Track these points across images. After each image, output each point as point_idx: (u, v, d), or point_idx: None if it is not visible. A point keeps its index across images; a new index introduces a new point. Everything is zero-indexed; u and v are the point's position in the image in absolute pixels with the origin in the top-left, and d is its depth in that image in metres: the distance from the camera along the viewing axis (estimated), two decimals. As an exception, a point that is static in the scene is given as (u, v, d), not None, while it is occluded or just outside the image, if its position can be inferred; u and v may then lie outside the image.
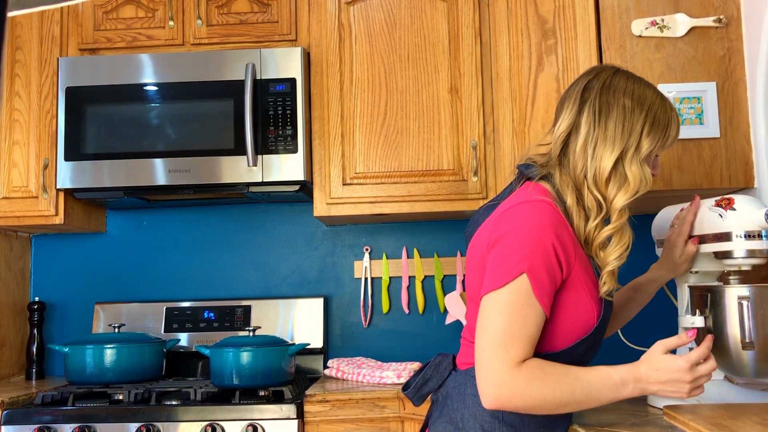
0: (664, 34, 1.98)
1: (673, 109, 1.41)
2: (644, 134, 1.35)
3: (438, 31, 2.41)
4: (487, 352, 1.23)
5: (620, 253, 1.33)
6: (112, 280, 2.74)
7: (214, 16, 2.50)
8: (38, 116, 2.45)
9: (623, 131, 1.34)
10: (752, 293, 1.43)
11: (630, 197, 1.34)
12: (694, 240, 1.59)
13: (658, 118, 1.36)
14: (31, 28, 2.48)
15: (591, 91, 1.38)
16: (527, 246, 1.25)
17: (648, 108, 1.36)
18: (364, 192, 2.37)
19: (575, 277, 1.29)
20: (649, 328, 2.52)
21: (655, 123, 1.36)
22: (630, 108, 1.35)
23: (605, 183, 1.34)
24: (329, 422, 2.05)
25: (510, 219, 1.29)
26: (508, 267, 1.24)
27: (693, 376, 1.24)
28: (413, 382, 1.48)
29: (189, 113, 2.36)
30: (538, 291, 1.24)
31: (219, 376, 2.17)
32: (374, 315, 2.68)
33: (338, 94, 2.40)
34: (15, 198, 2.42)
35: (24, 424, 2.03)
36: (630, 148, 1.34)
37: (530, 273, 1.23)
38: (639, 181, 1.34)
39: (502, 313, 1.24)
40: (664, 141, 1.38)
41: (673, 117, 1.39)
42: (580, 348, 1.32)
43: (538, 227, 1.26)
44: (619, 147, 1.34)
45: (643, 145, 1.35)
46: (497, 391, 1.22)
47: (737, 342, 1.43)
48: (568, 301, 1.30)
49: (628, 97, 1.36)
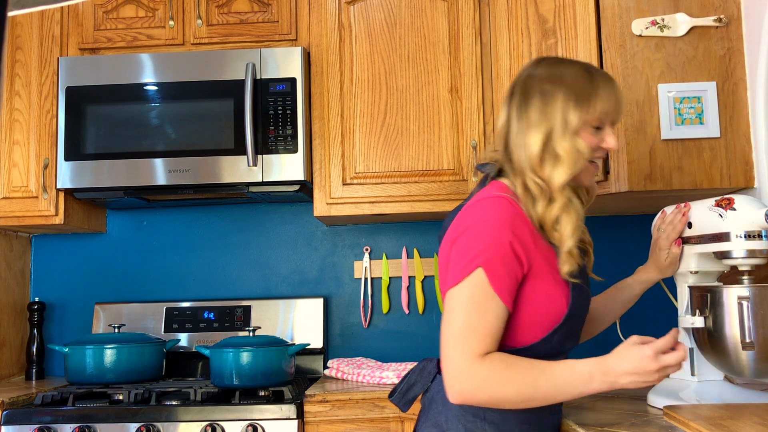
0: (664, 34, 1.98)
1: (601, 78, 1.40)
2: (569, 110, 1.36)
3: (438, 30, 2.41)
4: (449, 346, 1.25)
5: (571, 230, 1.33)
6: (112, 280, 2.74)
7: (214, 15, 2.50)
8: (38, 116, 2.45)
9: (545, 113, 1.37)
10: (752, 293, 1.43)
11: (568, 173, 1.34)
12: (678, 242, 1.61)
13: (580, 91, 1.37)
14: (31, 27, 2.48)
15: (516, 86, 1.44)
16: (483, 241, 1.27)
17: (568, 84, 1.37)
18: (364, 192, 2.37)
19: (538, 268, 1.31)
20: (649, 328, 2.52)
21: (579, 96, 1.36)
22: (549, 90, 1.38)
23: (540, 165, 1.36)
24: (329, 422, 2.05)
25: (468, 216, 1.33)
26: (466, 262, 1.27)
27: (659, 365, 1.22)
28: (399, 387, 1.50)
29: (189, 113, 2.36)
30: (495, 284, 1.25)
31: (219, 377, 2.17)
32: (374, 315, 2.68)
33: (338, 94, 2.40)
34: (15, 198, 2.42)
35: (24, 424, 2.03)
36: (556, 126, 1.36)
37: (486, 267, 1.25)
38: (571, 155, 1.35)
39: (461, 307, 1.26)
40: (593, 111, 1.36)
41: (600, 86, 1.38)
42: (554, 339, 1.33)
43: (494, 222, 1.29)
44: (544, 129, 1.36)
45: (572, 120, 1.35)
46: (460, 385, 1.23)
47: (737, 342, 1.43)
48: (533, 292, 1.31)
49: (546, 82, 1.39)
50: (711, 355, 1.51)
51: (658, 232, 1.67)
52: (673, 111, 1.96)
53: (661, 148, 1.95)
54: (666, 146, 1.95)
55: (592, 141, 1.38)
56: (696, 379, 1.59)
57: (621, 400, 1.75)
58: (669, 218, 1.64)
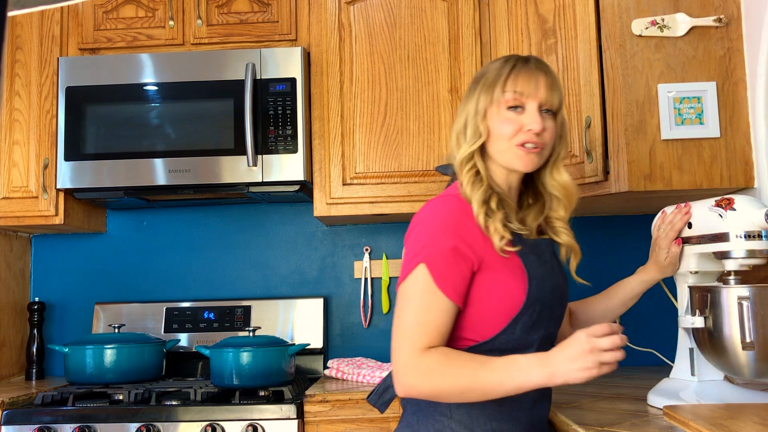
0: (664, 34, 1.98)
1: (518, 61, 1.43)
2: (480, 95, 1.42)
3: (438, 30, 2.41)
4: (396, 341, 1.29)
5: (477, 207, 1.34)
6: (112, 280, 2.74)
7: (214, 15, 2.50)
8: (38, 116, 2.45)
9: (465, 104, 1.45)
10: (752, 293, 1.43)
11: (466, 149, 1.41)
12: (678, 241, 1.61)
13: (492, 77, 1.42)
14: (31, 27, 2.48)
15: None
16: (426, 238, 1.31)
17: (484, 75, 1.44)
18: (364, 192, 2.37)
19: (491, 261, 1.32)
20: (649, 328, 2.52)
21: (490, 82, 1.42)
22: (473, 85, 1.46)
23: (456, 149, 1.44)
24: (329, 422, 2.05)
25: (416, 218, 1.37)
26: (410, 259, 1.31)
27: (591, 345, 1.21)
28: (376, 388, 1.53)
29: (189, 113, 2.36)
30: (438, 279, 1.28)
31: (219, 377, 2.17)
32: (374, 315, 2.68)
33: (338, 94, 2.40)
34: (15, 198, 2.42)
35: (24, 424, 2.03)
36: (470, 113, 1.43)
37: (428, 263, 1.28)
38: (473, 135, 1.41)
39: (406, 303, 1.30)
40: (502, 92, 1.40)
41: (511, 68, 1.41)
42: (516, 329, 1.33)
43: (438, 220, 1.32)
44: (462, 117, 1.45)
45: (480, 105, 1.41)
46: (404, 378, 1.27)
47: (737, 342, 1.43)
48: (487, 285, 1.32)
49: (475, 78, 1.48)
50: (711, 355, 1.51)
51: (657, 231, 1.67)
52: (673, 111, 1.96)
53: (661, 148, 1.95)
54: (666, 146, 1.95)
55: (513, 123, 1.39)
56: (696, 379, 1.59)
57: (621, 400, 1.75)
58: (668, 218, 1.64)
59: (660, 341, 2.32)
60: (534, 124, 1.38)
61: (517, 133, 1.39)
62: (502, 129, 1.40)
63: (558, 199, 1.47)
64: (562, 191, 1.46)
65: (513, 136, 1.39)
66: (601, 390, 1.93)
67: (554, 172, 1.47)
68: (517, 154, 1.40)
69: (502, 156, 1.41)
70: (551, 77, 1.43)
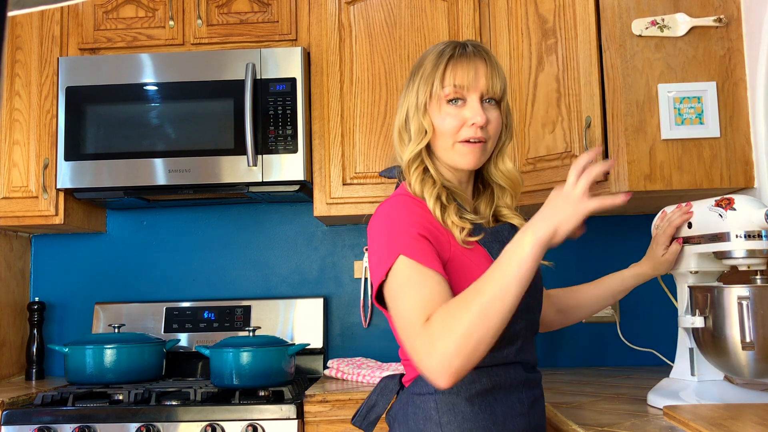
0: (664, 34, 1.98)
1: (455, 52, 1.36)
2: (419, 89, 1.36)
3: (438, 30, 2.41)
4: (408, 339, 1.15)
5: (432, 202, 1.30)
6: (112, 280, 2.74)
7: (214, 15, 2.50)
8: (38, 116, 2.45)
9: (405, 96, 1.39)
10: (752, 293, 1.43)
11: (411, 149, 1.36)
12: (679, 240, 1.60)
13: (429, 69, 1.36)
14: (31, 28, 2.48)
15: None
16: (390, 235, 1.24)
17: (423, 65, 1.37)
18: (364, 192, 2.37)
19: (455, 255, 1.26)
20: (649, 328, 2.52)
21: (427, 74, 1.35)
22: (412, 75, 1.40)
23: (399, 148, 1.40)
24: (329, 422, 2.05)
25: (371, 223, 1.31)
26: (384, 258, 1.21)
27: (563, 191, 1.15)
28: (360, 409, 1.43)
29: (189, 113, 2.36)
30: (421, 258, 1.19)
31: (219, 377, 2.17)
32: (374, 315, 2.68)
33: (338, 94, 2.40)
34: (15, 198, 2.42)
35: (24, 424, 2.03)
36: (411, 107, 1.37)
37: (404, 251, 1.20)
38: (416, 133, 1.36)
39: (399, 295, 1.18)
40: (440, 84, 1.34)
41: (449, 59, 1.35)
42: None
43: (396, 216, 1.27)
44: (402, 111, 1.39)
45: (420, 98, 1.35)
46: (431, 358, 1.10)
47: (737, 342, 1.43)
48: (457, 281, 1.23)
49: (414, 66, 1.41)
50: (711, 355, 1.51)
51: (656, 230, 1.67)
52: (673, 111, 1.96)
53: (661, 148, 1.95)
54: (666, 146, 1.95)
55: (455, 117, 1.33)
56: (696, 379, 1.59)
57: (621, 400, 1.75)
58: (668, 215, 1.64)
59: (660, 341, 2.32)
60: (477, 117, 1.31)
61: (461, 128, 1.33)
62: (444, 125, 1.33)
63: (503, 188, 1.43)
64: (506, 181, 1.42)
65: (456, 132, 1.33)
66: (601, 390, 1.93)
67: (498, 162, 1.42)
68: (461, 151, 1.34)
69: (446, 154, 1.36)
70: (492, 63, 1.36)
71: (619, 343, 2.37)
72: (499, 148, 1.41)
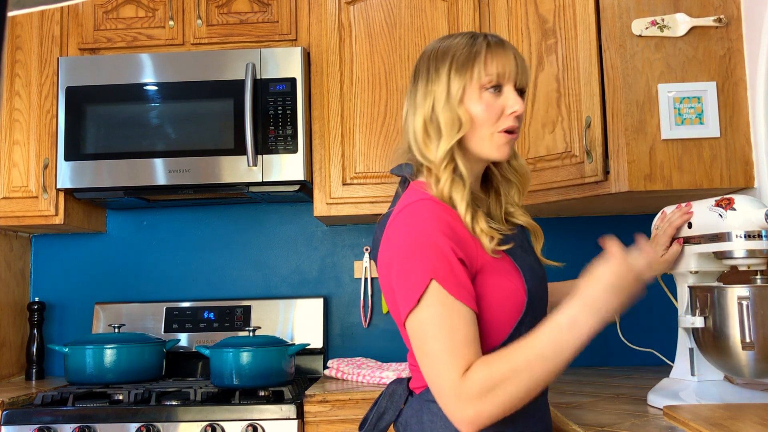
0: (664, 34, 1.98)
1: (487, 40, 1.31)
2: (451, 78, 1.29)
3: (438, 30, 2.41)
4: (435, 381, 1.13)
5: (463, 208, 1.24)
6: (112, 280, 2.74)
7: (214, 15, 2.50)
8: (38, 116, 2.45)
9: (428, 88, 1.31)
10: (752, 293, 1.43)
11: (446, 144, 1.27)
12: (679, 240, 1.59)
13: (461, 57, 1.29)
14: (31, 28, 2.48)
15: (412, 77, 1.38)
16: (423, 252, 1.17)
17: (451, 54, 1.30)
18: (364, 192, 2.37)
19: (484, 264, 1.22)
20: (649, 328, 2.52)
21: (460, 63, 1.29)
22: (434, 66, 1.32)
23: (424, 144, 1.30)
24: (329, 422, 2.05)
25: (397, 229, 1.23)
26: (415, 281, 1.16)
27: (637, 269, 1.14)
28: (369, 417, 1.36)
29: (189, 113, 2.36)
30: (454, 290, 1.15)
31: (219, 377, 2.17)
32: (374, 315, 2.68)
33: (338, 94, 2.40)
34: (15, 198, 2.42)
35: (24, 424, 2.03)
36: (439, 98, 1.29)
37: (437, 276, 1.15)
38: (450, 124, 1.27)
39: (430, 332, 1.14)
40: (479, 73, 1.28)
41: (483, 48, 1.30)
42: (522, 329, 1.22)
43: (426, 228, 1.19)
44: (427, 104, 1.30)
45: (453, 88, 1.28)
46: (462, 413, 1.10)
47: (737, 342, 1.43)
48: (488, 290, 1.21)
49: (432, 57, 1.33)
50: (711, 355, 1.51)
51: (656, 230, 1.66)
52: (673, 111, 1.96)
53: (661, 148, 1.95)
54: (666, 146, 1.95)
55: (495, 106, 1.28)
56: (696, 379, 1.59)
57: (621, 400, 1.75)
58: (668, 216, 1.63)
59: (660, 341, 2.32)
60: (517, 106, 1.28)
61: (500, 117, 1.29)
62: (485, 113, 1.28)
63: (513, 183, 1.39)
64: (517, 176, 1.39)
65: (495, 122, 1.28)
66: (601, 390, 1.93)
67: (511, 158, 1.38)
68: (499, 142, 1.29)
69: (482, 145, 1.30)
70: (518, 54, 1.34)
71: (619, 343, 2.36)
72: None
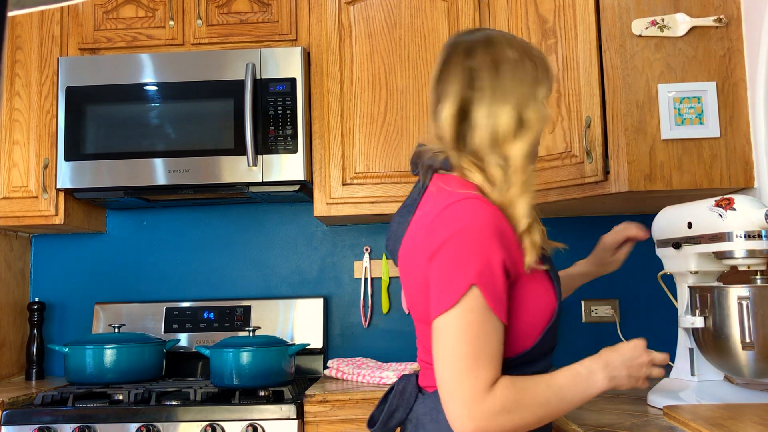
0: (664, 34, 1.98)
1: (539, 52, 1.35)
2: (537, 80, 1.28)
3: (438, 30, 2.41)
4: (453, 384, 1.12)
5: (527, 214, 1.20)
6: (112, 280, 2.74)
7: (214, 15, 2.50)
8: (38, 116, 2.45)
9: (516, 82, 1.26)
10: (752, 293, 1.43)
11: (530, 144, 1.25)
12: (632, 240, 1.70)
13: (542, 62, 1.31)
14: (31, 28, 2.48)
15: (475, 56, 1.28)
16: (471, 253, 1.13)
17: (532, 54, 1.30)
18: (364, 192, 2.37)
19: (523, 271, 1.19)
20: (649, 328, 2.52)
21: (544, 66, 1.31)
22: (518, 58, 1.27)
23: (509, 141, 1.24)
24: (329, 422, 2.05)
25: (445, 224, 1.17)
26: (456, 282, 1.12)
27: (649, 357, 1.23)
28: (379, 416, 1.33)
29: (189, 113, 2.36)
30: (492, 302, 1.12)
31: (219, 377, 2.17)
32: (374, 315, 2.68)
33: (338, 94, 2.40)
34: (15, 198, 2.42)
35: (24, 424, 2.03)
36: (527, 96, 1.26)
37: (481, 283, 1.11)
38: (539, 123, 1.26)
39: (460, 337, 1.12)
40: (550, 82, 1.32)
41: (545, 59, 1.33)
42: (547, 339, 1.23)
43: (479, 231, 1.14)
44: (516, 99, 1.25)
45: (540, 92, 1.28)
46: (474, 424, 1.10)
47: (737, 342, 1.43)
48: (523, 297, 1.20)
49: (511, 48, 1.28)
50: (711, 355, 1.51)
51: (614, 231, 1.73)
52: (673, 111, 1.96)
53: (661, 148, 1.95)
54: (666, 146, 1.95)
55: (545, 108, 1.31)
56: (696, 379, 1.59)
57: (621, 400, 1.75)
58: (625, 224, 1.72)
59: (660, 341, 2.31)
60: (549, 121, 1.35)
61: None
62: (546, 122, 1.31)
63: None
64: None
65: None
66: (601, 390, 1.93)
67: None
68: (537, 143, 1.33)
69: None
70: None
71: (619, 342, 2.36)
72: None
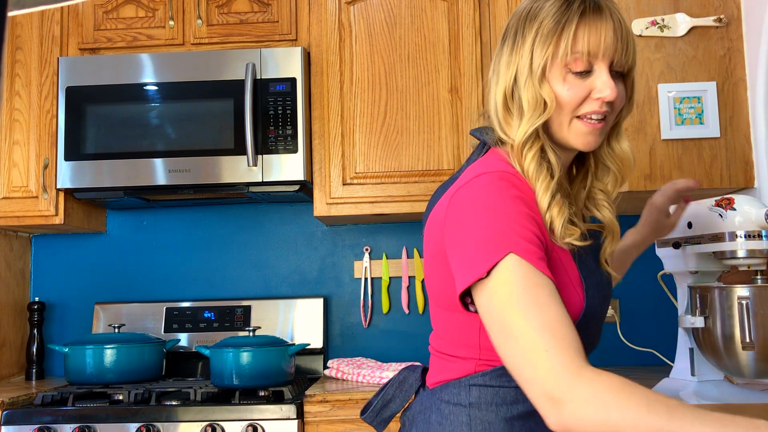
0: (664, 34, 1.98)
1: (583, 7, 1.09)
2: (535, 48, 1.09)
3: (438, 30, 2.41)
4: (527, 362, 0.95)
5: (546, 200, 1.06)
6: (112, 280, 2.74)
7: (214, 15, 2.50)
8: (38, 116, 2.45)
9: (512, 57, 1.12)
10: (752, 293, 1.43)
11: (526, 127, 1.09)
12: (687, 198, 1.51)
13: (550, 24, 1.08)
14: (31, 28, 2.48)
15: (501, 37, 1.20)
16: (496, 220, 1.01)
17: (540, 20, 1.09)
18: (364, 192, 2.37)
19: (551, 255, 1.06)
20: (649, 328, 2.52)
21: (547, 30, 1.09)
22: (521, 30, 1.12)
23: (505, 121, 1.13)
24: (329, 422, 2.05)
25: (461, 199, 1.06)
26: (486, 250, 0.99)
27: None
28: (373, 402, 1.24)
29: (189, 113, 2.36)
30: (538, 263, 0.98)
31: (219, 377, 2.17)
32: (374, 315, 2.68)
33: (338, 94, 2.40)
34: (15, 198, 2.42)
35: (24, 424, 2.02)
36: (522, 71, 1.10)
37: (517, 249, 0.98)
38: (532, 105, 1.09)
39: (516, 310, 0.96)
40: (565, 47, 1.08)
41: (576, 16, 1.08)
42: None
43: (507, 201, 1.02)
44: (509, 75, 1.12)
45: (536, 61, 1.09)
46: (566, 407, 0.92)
47: (737, 342, 1.43)
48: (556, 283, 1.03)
49: (522, 18, 1.13)
50: (711, 355, 1.51)
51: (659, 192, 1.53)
52: (673, 111, 1.96)
53: (661, 148, 1.95)
54: (666, 146, 1.95)
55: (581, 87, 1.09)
56: (696, 379, 1.59)
57: None
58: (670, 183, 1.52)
59: (660, 341, 2.32)
60: (606, 90, 1.07)
61: (584, 100, 1.09)
62: (568, 96, 1.09)
63: (610, 170, 1.18)
64: (616, 164, 1.17)
65: (578, 105, 1.09)
66: (601, 390, 1.93)
67: (613, 142, 1.17)
68: (579, 130, 1.10)
69: (561, 132, 1.11)
70: (625, 27, 1.11)
71: (619, 343, 2.36)
72: (617, 124, 1.17)
